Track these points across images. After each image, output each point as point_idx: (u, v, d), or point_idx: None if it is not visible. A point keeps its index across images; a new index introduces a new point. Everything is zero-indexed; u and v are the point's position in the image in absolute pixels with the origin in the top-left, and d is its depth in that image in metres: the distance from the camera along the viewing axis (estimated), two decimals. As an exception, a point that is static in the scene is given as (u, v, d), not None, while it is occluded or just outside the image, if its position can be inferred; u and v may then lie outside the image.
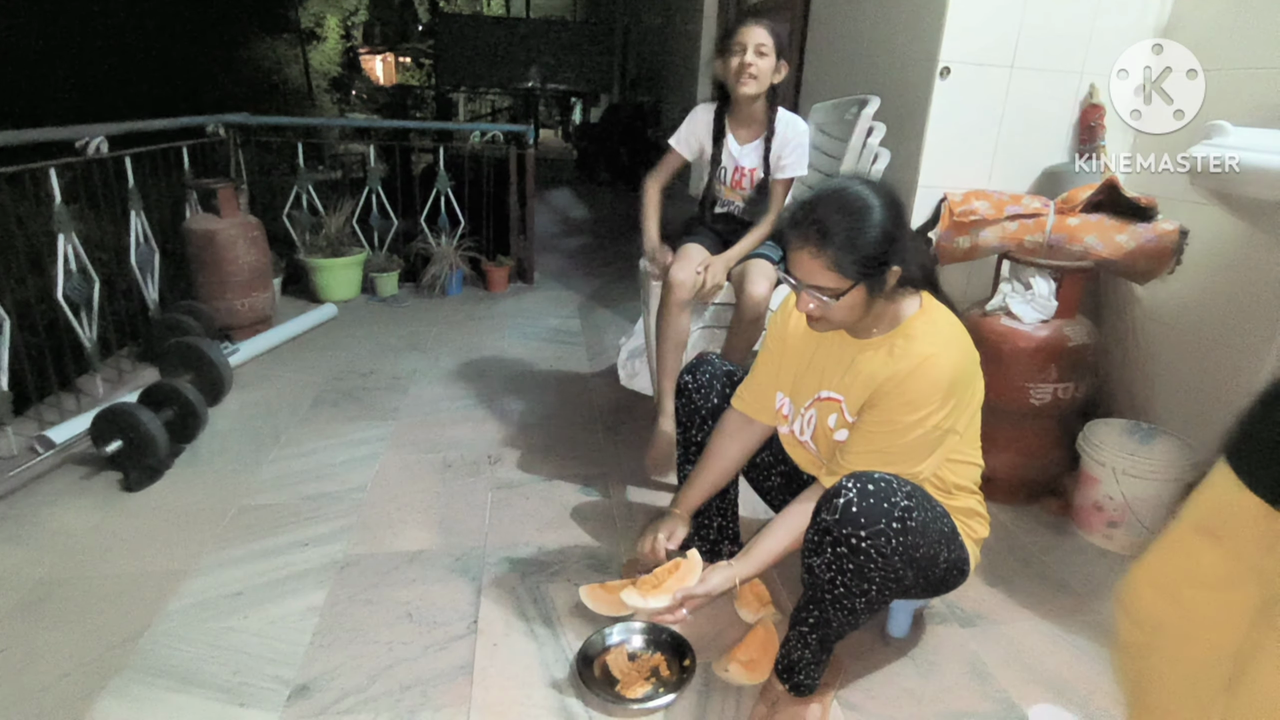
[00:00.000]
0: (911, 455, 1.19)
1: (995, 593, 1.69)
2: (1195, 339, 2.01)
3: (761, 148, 1.98)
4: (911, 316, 1.22)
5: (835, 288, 1.14)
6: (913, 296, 1.24)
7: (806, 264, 1.15)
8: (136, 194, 2.81)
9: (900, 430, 1.18)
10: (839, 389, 1.27)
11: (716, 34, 4.41)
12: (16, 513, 1.86)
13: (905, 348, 1.19)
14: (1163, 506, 1.81)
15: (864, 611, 1.18)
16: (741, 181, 2.02)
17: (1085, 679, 1.45)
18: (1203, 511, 0.78)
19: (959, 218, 2.01)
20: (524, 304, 3.84)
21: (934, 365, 1.16)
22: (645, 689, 1.34)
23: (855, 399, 1.24)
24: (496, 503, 1.97)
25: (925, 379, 1.16)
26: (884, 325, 1.24)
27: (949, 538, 1.25)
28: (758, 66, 1.85)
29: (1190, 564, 0.77)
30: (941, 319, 1.23)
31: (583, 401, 2.65)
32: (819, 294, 1.15)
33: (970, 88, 2.13)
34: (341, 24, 13.49)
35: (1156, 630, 0.80)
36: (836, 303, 1.15)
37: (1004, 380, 1.89)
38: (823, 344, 1.31)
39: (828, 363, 1.30)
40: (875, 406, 1.20)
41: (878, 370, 1.21)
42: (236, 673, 1.38)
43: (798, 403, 1.35)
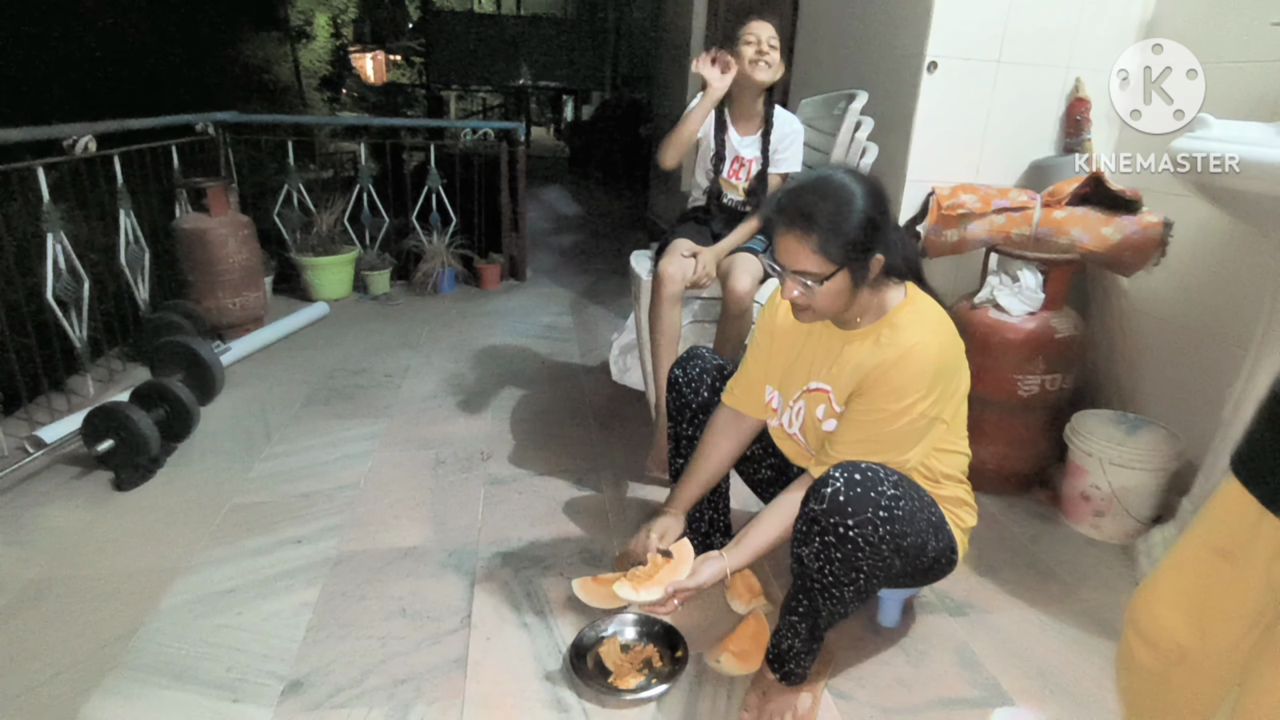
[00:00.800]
0: (899, 443, 1.21)
1: (984, 582, 1.71)
2: (1181, 330, 2.03)
3: (760, 141, 2.03)
4: (897, 306, 1.24)
5: (820, 272, 1.15)
6: (898, 287, 1.26)
7: (792, 248, 1.16)
8: (126, 193, 2.80)
9: (887, 418, 1.19)
10: (827, 380, 1.28)
11: (706, 31, 4.42)
12: (8, 512, 1.85)
13: (891, 337, 1.21)
14: (1149, 496, 1.83)
15: (853, 600, 1.20)
16: (739, 172, 2.05)
17: (1072, 666, 1.46)
18: (1216, 529, 0.78)
19: (947, 211, 2.02)
20: (516, 301, 3.85)
21: (920, 353, 1.18)
22: (638, 680, 1.35)
23: (843, 389, 1.26)
24: (489, 498, 1.98)
25: (911, 367, 1.18)
26: (870, 316, 1.25)
27: (937, 526, 1.27)
28: (772, 56, 1.93)
29: (1214, 592, 0.76)
30: (927, 308, 1.24)
31: (575, 397, 2.65)
32: (804, 279, 1.17)
33: (957, 82, 2.14)
34: (331, 21, 13.40)
35: (1179, 660, 0.78)
36: (821, 289, 1.16)
37: (992, 372, 1.91)
38: (810, 336, 1.33)
39: (815, 355, 1.31)
40: (862, 395, 1.22)
41: (865, 360, 1.22)
42: (230, 669, 1.38)
43: (786, 395, 1.36)
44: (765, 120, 2.02)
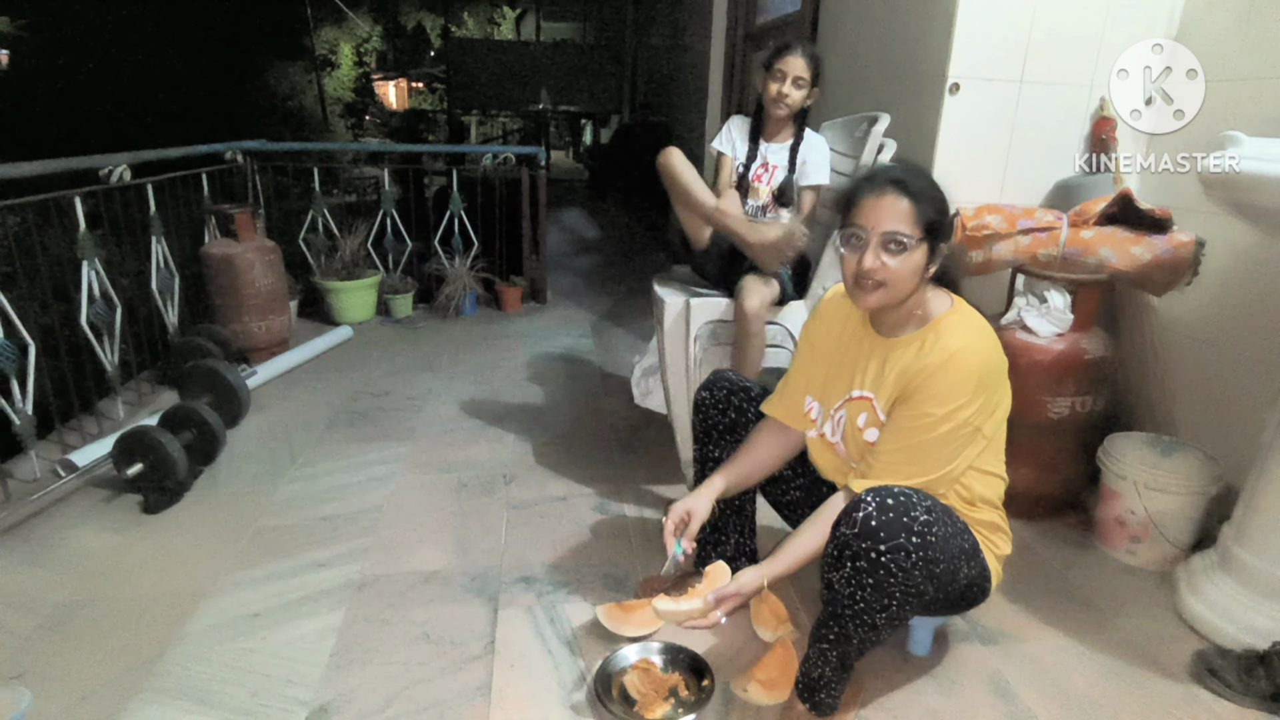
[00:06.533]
0: (940, 453, 1.19)
1: (1017, 610, 1.66)
2: (1215, 350, 1.99)
3: (788, 151, 2.07)
4: (942, 314, 1.24)
5: (912, 234, 1.16)
6: (944, 296, 1.26)
7: (887, 208, 1.17)
8: (158, 220, 2.86)
9: (931, 424, 1.18)
10: (871, 387, 1.28)
11: (725, 55, 4.45)
12: (39, 535, 1.88)
13: (936, 342, 1.21)
14: (1187, 521, 1.78)
15: (884, 627, 1.17)
16: (761, 176, 2.07)
17: (1112, 698, 1.42)
18: None
19: (972, 232, 2.01)
20: (537, 323, 3.86)
21: (965, 358, 1.18)
22: (664, 709, 1.33)
23: (887, 396, 1.25)
24: (512, 522, 1.97)
25: (956, 372, 1.17)
26: (915, 323, 1.25)
27: (970, 553, 1.24)
28: (792, 98, 1.98)
29: None
30: (972, 317, 1.25)
31: (596, 420, 2.65)
32: (894, 238, 1.16)
33: (980, 103, 2.13)
34: (355, 50, 13.74)
35: None
36: (904, 258, 1.16)
37: (1021, 394, 1.85)
38: (852, 345, 1.33)
39: (858, 363, 1.31)
40: (906, 401, 1.21)
41: (909, 365, 1.22)
42: (255, 694, 1.38)
43: (827, 405, 1.36)
44: (795, 135, 2.08)
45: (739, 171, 2.09)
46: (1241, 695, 1.40)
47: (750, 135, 2.10)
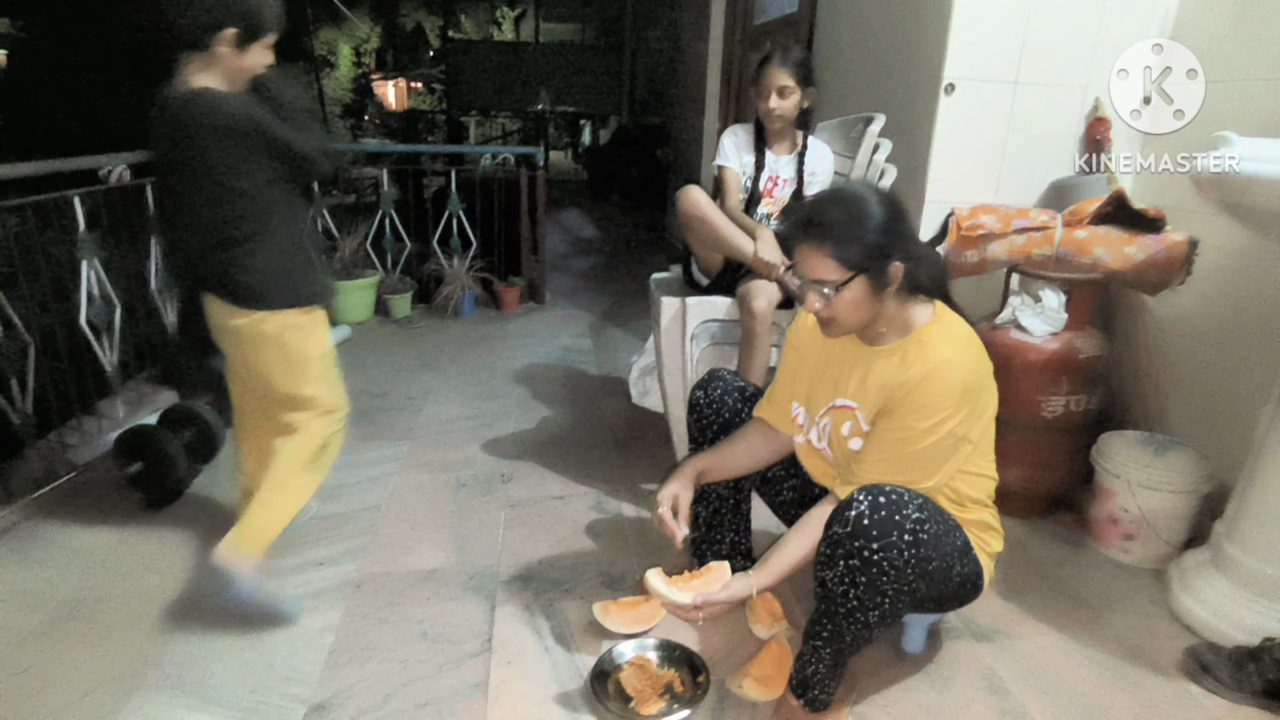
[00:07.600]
0: (926, 464, 1.20)
1: (1011, 607, 1.68)
2: (1208, 349, 2.00)
3: (795, 161, 2.07)
4: (925, 324, 1.24)
5: (836, 279, 1.16)
6: (926, 305, 1.26)
7: (808, 258, 1.18)
8: (158, 220, 2.86)
9: (915, 437, 1.18)
10: (854, 397, 1.28)
11: (722, 56, 4.47)
12: (40, 532, 1.89)
13: (918, 354, 1.20)
14: (1180, 519, 1.79)
15: (877, 625, 1.18)
16: (772, 190, 2.07)
17: (1105, 694, 1.43)
18: None
19: (966, 232, 2.02)
20: (536, 323, 3.87)
21: (947, 371, 1.17)
22: (659, 705, 1.34)
23: (870, 406, 1.25)
24: (509, 521, 1.98)
25: (939, 385, 1.17)
26: (897, 332, 1.25)
27: (962, 551, 1.25)
28: (782, 108, 1.97)
29: None
30: (955, 327, 1.24)
31: (595, 419, 2.66)
32: (821, 287, 1.17)
33: (975, 103, 2.15)
34: (354, 51, 13.72)
35: None
36: (840, 296, 1.17)
37: (1015, 393, 1.89)
38: (836, 353, 1.33)
39: (841, 371, 1.31)
40: (890, 414, 1.21)
41: (891, 377, 1.22)
42: (254, 691, 1.39)
43: (812, 411, 1.36)
44: (801, 143, 2.08)
45: (748, 186, 2.07)
46: (1233, 691, 1.41)
47: (755, 145, 2.08)
